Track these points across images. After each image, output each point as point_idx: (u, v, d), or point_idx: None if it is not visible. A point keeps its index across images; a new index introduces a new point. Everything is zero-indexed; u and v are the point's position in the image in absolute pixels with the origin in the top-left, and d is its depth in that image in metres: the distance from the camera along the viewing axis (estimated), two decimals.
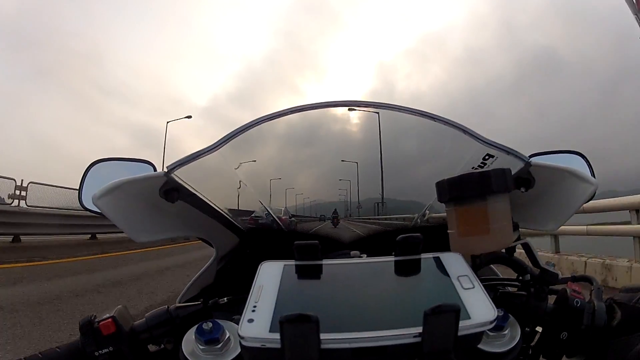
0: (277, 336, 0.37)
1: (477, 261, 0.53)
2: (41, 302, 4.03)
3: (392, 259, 0.51)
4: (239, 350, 0.47)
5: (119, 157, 0.78)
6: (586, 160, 0.76)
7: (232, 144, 0.59)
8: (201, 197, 0.63)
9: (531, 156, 0.59)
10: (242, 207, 0.79)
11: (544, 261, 0.57)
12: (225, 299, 0.59)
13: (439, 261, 0.50)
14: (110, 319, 0.51)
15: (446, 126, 0.61)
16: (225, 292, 0.61)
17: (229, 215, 0.72)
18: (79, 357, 0.51)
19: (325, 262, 0.50)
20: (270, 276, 0.47)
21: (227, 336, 0.49)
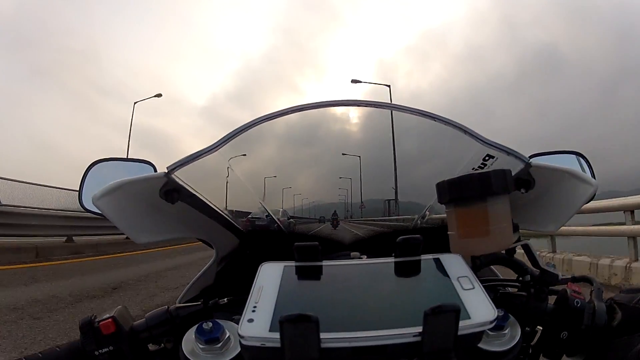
0: (277, 335, 0.37)
1: (477, 262, 0.53)
2: None
3: (392, 260, 0.51)
4: (239, 349, 0.47)
5: (119, 157, 0.78)
6: (586, 160, 0.76)
7: (232, 144, 0.59)
8: (201, 198, 0.63)
9: (531, 156, 0.59)
10: (242, 208, 0.79)
11: (544, 262, 0.57)
12: (225, 299, 0.59)
13: (439, 262, 0.50)
14: (110, 319, 0.51)
15: (446, 126, 0.61)
16: (225, 292, 0.61)
17: (229, 216, 0.72)
18: (79, 356, 0.51)
19: (325, 263, 0.50)
20: (270, 277, 0.47)
21: (227, 336, 0.49)
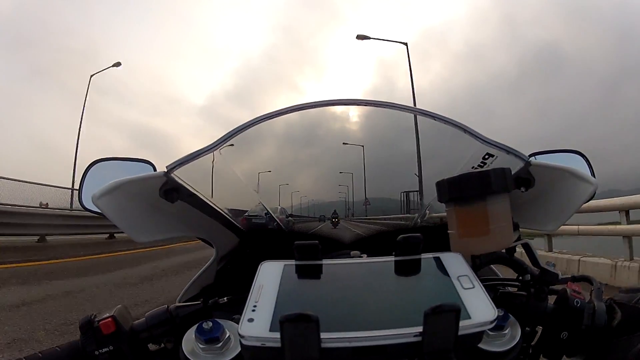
0: (277, 335, 0.37)
1: (477, 261, 0.53)
2: None
3: (392, 259, 0.51)
4: (239, 349, 0.47)
5: (119, 156, 0.78)
6: (586, 159, 0.76)
7: (232, 142, 0.59)
8: (201, 197, 0.63)
9: (531, 155, 0.59)
10: (241, 206, 0.79)
11: (543, 261, 0.57)
12: (225, 298, 0.59)
13: (439, 261, 0.50)
14: (110, 318, 0.51)
15: (446, 125, 0.61)
16: (225, 291, 0.61)
17: (228, 215, 0.72)
18: (79, 356, 0.51)
19: (325, 262, 0.50)
20: (270, 276, 0.47)
21: (227, 335, 0.49)
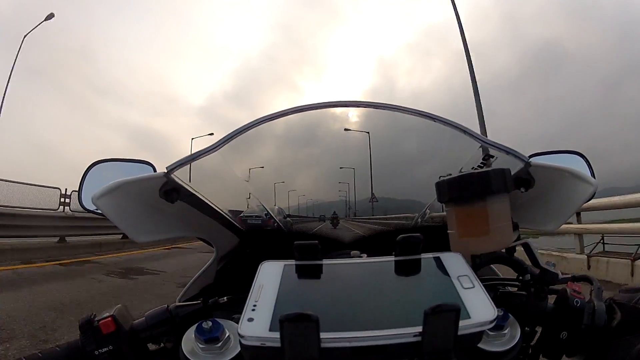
0: (277, 335, 0.37)
1: (477, 261, 0.53)
2: None
3: (392, 258, 0.51)
4: (239, 349, 0.47)
5: (119, 158, 0.78)
6: (586, 160, 0.76)
7: (232, 144, 0.59)
8: (201, 197, 0.63)
9: (531, 156, 0.59)
10: (239, 207, 0.79)
11: (543, 261, 0.57)
12: (225, 298, 0.59)
13: (439, 261, 0.50)
14: (110, 318, 0.51)
15: (446, 126, 0.61)
16: (225, 291, 0.61)
17: (228, 215, 0.72)
18: (78, 356, 0.51)
19: (325, 261, 0.50)
20: (270, 276, 0.47)
21: (227, 335, 0.49)
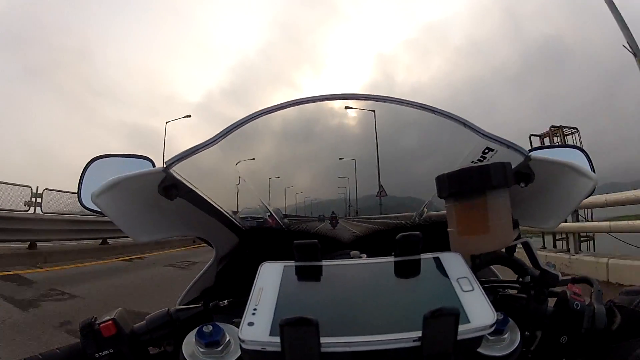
0: (277, 339, 0.37)
1: (476, 262, 0.53)
2: None
3: (391, 259, 0.51)
4: (239, 353, 0.47)
5: (117, 153, 0.78)
6: (586, 155, 0.75)
7: (230, 138, 0.59)
8: (200, 194, 0.63)
9: (531, 151, 0.59)
10: (235, 205, 0.78)
11: (544, 261, 0.57)
12: (225, 301, 0.59)
13: (438, 261, 0.50)
14: (110, 321, 0.51)
15: (445, 119, 0.60)
16: (225, 294, 0.61)
17: (227, 212, 0.71)
18: (79, 358, 0.52)
19: (325, 263, 0.50)
20: (270, 278, 0.47)
21: (228, 339, 0.49)
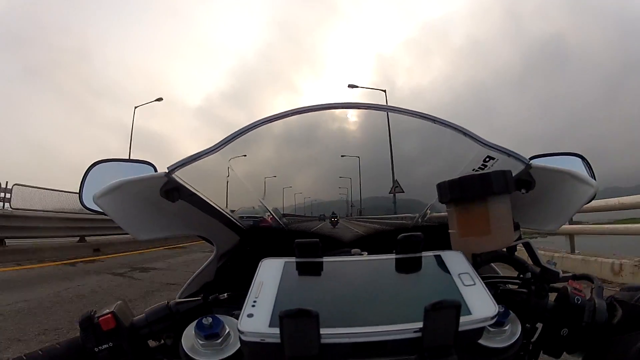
0: (276, 331, 0.37)
1: (478, 259, 0.53)
2: None
3: (392, 256, 0.51)
4: (239, 345, 0.47)
5: (119, 158, 0.78)
6: (586, 162, 0.76)
7: (231, 145, 0.60)
8: (201, 196, 0.64)
9: (531, 158, 0.59)
10: (237, 206, 0.79)
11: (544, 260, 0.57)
12: (225, 294, 0.59)
13: (439, 259, 0.50)
14: (110, 315, 0.51)
15: (446, 128, 0.61)
16: (225, 288, 0.61)
17: (229, 214, 0.72)
18: (79, 352, 0.51)
19: (325, 259, 0.50)
20: (270, 273, 0.47)
21: (227, 331, 0.49)
